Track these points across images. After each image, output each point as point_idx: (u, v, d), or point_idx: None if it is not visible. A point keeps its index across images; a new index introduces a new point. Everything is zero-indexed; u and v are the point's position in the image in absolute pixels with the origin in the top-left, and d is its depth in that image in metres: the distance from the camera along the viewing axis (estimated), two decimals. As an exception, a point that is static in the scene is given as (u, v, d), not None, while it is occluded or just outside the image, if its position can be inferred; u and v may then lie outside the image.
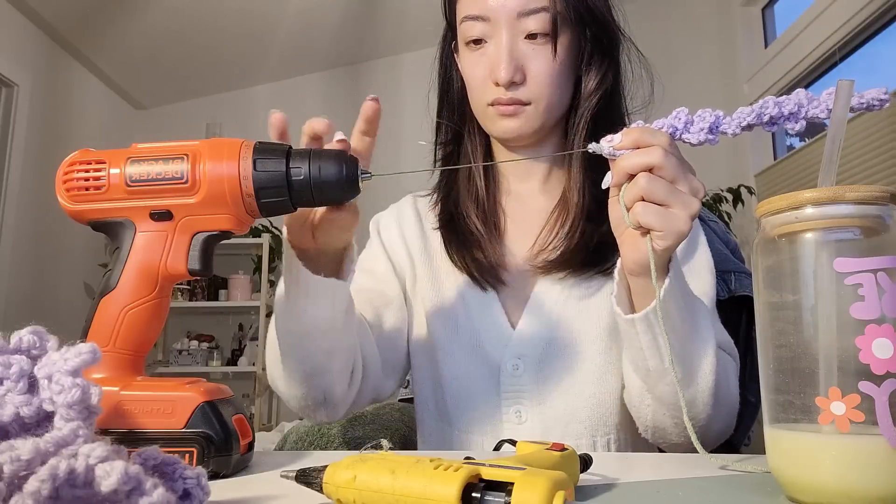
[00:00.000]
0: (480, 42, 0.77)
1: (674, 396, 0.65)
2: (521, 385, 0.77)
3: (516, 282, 0.81)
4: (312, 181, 0.51)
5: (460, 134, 0.87)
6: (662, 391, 0.66)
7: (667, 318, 0.61)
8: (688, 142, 0.57)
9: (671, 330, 0.62)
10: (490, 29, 0.76)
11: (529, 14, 0.74)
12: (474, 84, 0.79)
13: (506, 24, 0.74)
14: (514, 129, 0.78)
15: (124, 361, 0.50)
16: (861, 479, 0.36)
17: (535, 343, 0.77)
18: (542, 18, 0.74)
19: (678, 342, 0.63)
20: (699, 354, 0.65)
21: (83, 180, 0.51)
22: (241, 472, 0.51)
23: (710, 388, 0.65)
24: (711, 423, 0.68)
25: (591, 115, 0.79)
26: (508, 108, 0.76)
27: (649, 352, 0.63)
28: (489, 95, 0.77)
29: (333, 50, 4.18)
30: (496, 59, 0.75)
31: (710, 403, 0.66)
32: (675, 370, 0.63)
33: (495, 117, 0.78)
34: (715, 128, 0.55)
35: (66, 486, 0.27)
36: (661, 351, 0.63)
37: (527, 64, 0.75)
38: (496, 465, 0.34)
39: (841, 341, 0.37)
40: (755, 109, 0.54)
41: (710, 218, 1.01)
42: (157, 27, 3.59)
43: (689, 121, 0.56)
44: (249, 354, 4.07)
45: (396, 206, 0.94)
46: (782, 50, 3.16)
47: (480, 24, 0.76)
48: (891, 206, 0.38)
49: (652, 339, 0.62)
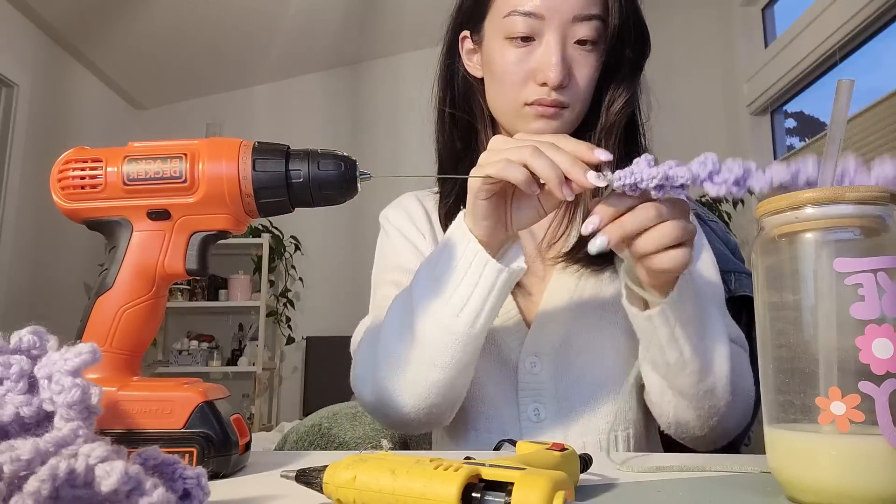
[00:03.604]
0: (528, 39, 0.75)
1: (694, 387, 0.66)
2: (538, 383, 0.77)
3: (528, 279, 0.81)
4: (312, 181, 0.51)
5: (472, 126, 0.85)
6: (683, 384, 0.66)
7: (683, 310, 0.62)
8: (707, 192, 0.51)
9: (688, 321, 0.62)
10: (541, 27, 0.74)
11: (584, 20, 0.73)
12: (511, 80, 0.76)
13: (560, 25, 0.73)
14: (550, 130, 0.76)
15: (121, 361, 0.50)
16: (861, 479, 0.36)
17: (551, 340, 0.77)
18: (594, 26, 0.73)
19: (695, 333, 0.63)
20: (714, 343, 0.66)
21: (79, 178, 0.51)
22: (240, 472, 0.51)
23: (727, 376, 0.66)
24: (730, 412, 0.69)
25: (618, 130, 0.78)
26: (549, 110, 0.75)
27: (668, 345, 0.63)
28: (530, 94, 0.75)
29: (333, 50, 4.18)
30: (547, 59, 0.73)
31: (728, 391, 0.67)
32: (694, 360, 0.64)
33: (530, 116, 0.76)
34: (742, 181, 0.50)
35: (66, 486, 0.27)
36: (679, 343, 0.63)
37: (574, 68, 0.74)
38: (496, 465, 0.34)
39: (841, 341, 0.37)
40: (792, 170, 0.48)
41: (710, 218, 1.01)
42: (158, 27, 3.59)
43: (716, 169, 0.50)
44: (249, 354, 4.07)
45: (400, 204, 0.91)
46: (782, 50, 3.16)
47: (531, 20, 0.74)
48: (891, 206, 0.38)
49: (670, 333, 0.62)
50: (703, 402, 0.67)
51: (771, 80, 3.25)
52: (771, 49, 3.32)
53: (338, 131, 4.26)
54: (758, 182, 0.49)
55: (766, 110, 3.42)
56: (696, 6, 3.73)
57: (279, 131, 4.03)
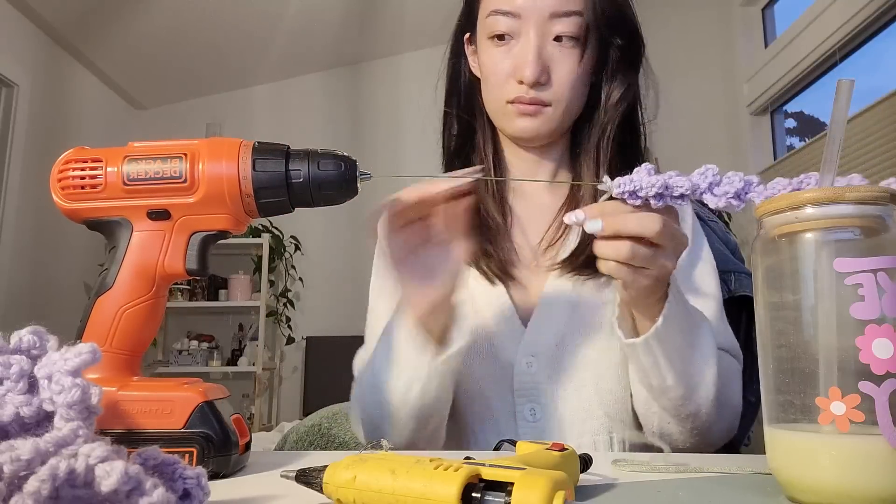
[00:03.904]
0: (507, 38, 0.76)
1: (677, 409, 0.67)
2: (535, 383, 0.77)
3: (525, 279, 0.81)
4: (312, 181, 0.51)
5: (471, 126, 0.86)
6: (666, 404, 0.67)
7: (668, 339, 0.62)
8: (707, 203, 0.51)
9: (673, 350, 0.63)
10: (519, 26, 0.75)
11: (562, 16, 0.73)
12: (494, 80, 0.78)
13: (537, 23, 0.74)
14: (532, 128, 0.77)
15: (121, 361, 0.50)
16: (861, 479, 0.36)
17: (548, 340, 0.77)
18: (573, 22, 0.74)
19: (680, 361, 0.64)
20: (701, 370, 0.66)
21: (79, 178, 0.51)
22: (240, 472, 0.51)
23: (712, 400, 0.67)
24: (714, 427, 0.70)
25: (613, 126, 0.79)
26: (529, 108, 0.76)
27: (651, 371, 0.64)
28: (510, 93, 0.76)
29: (333, 50, 4.18)
30: (523, 57, 0.74)
31: (712, 412, 0.68)
32: (678, 387, 0.64)
33: (513, 115, 0.77)
34: (743, 194, 0.50)
35: (66, 486, 0.27)
36: (662, 371, 0.64)
37: (553, 66, 0.74)
38: (496, 465, 0.34)
39: (841, 341, 0.37)
40: (793, 183, 0.47)
41: (710, 218, 1.01)
42: (158, 27, 3.59)
43: (716, 181, 0.50)
44: (249, 354, 4.07)
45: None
46: (782, 50, 3.16)
47: (509, 19, 0.75)
48: (891, 206, 0.38)
49: (653, 361, 0.63)
50: (685, 422, 0.68)
51: (771, 80, 3.24)
52: (771, 49, 3.32)
53: (338, 131, 4.26)
54: (758, 196, 0.49)
55: (766, 110, 3.42)
56: (696, 6, 3.73)
57: (279, 131, 4.03)
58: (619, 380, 0.76)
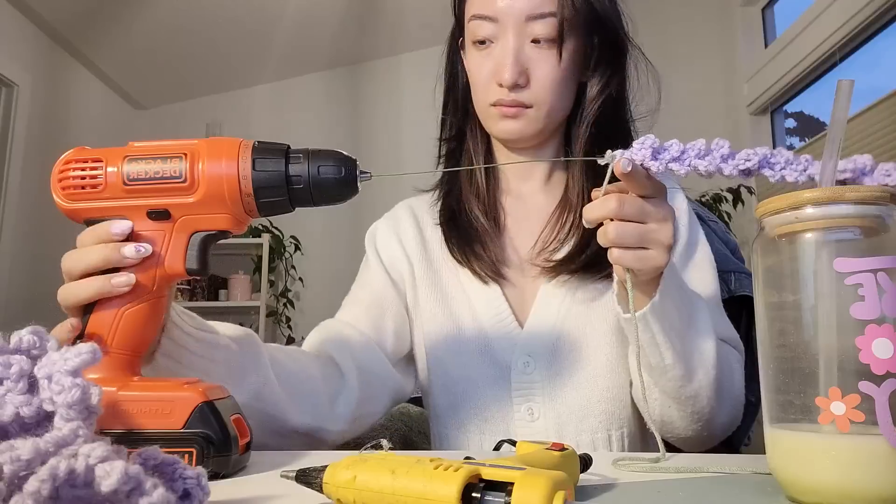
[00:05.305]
0: (487, 42, 0.78)
1: (677, 391, 0.67)
2: (532, 383, 0.77)
3: (520, 280, 0.81)
4: (311, 181, 0.51)
5: (463, 131, 0.88)
6: (666, 386, 0.67)
7: (665, 316, 0.62)
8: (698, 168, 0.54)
9: (670, 327, 0.63)
10: (497, 30, 0.76)
11: (538, 18, 0.74)
12: (478, 83, 0.80)
13: (514, 26, 0.75)
14: (515, 130, 0.78)
15: (121, 362, 0.50)
16: (861, 479, 0.36)
17: (545, 340, 0.77)
18: (549, 24, 0.74)
19: (678, 339, 0.64)
20: (700, 349, 0.66)
21: (79, 178, 0.51)
22: (240, 472, 0.51)
23: (711, 382, 0.67)
24: (715, 415, 0.70)
25: (594, 121, 0.80)
26: (510, 110, 0.77)
27: (649, 349, 0.64)
28: (492, 96, 0.77)
29: (333, 50, 4.17)
30: (501, 60, 0.75)
31: (713, 397, 0.68)
32: (677, 366, 0.64)
33: (497, 118, 0.78)
34: (729, 158, 0.54)
35: (66, 486, 0.27)
36: (661, 349, 0.64)
37: (531, 67, 0.75)
38: (496, 465, 0.34)
39: (841, 341, 0.37)
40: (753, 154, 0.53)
41: (710, 218, 1.01)
42: (157, 27, 3.59)
43: (706, 150, 0.55)
44: (249, 354, 4.06)
45: (391, 215, 0.93)
46: (782, 50, 3.16)
47: (488, 24, 0.76)
48: (891, 206, 0.38)
49: (651, 338, 0.63)
50: (685, 406, 0.68)
51: (771, 80, 3.24)
52: (771, 49, 3.32)
53: (338, 131, 4.26)
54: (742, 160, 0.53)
55: (766, 110, 3.42)
56: (696, 6, 3.73)
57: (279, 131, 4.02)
58: (616, 378, 0.76)
